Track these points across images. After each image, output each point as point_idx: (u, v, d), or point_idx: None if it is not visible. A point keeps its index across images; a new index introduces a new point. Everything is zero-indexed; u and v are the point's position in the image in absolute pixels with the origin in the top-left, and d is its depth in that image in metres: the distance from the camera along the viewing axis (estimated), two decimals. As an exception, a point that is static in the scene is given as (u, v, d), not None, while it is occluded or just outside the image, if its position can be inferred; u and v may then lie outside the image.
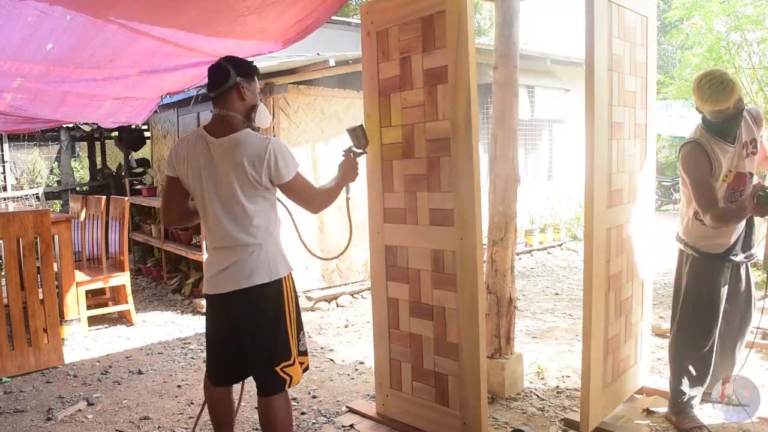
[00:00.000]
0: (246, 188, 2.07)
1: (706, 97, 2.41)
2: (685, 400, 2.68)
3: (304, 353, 2.27)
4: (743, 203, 2.34)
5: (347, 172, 2.38)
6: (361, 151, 2.47)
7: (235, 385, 2.37)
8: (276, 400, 2.16)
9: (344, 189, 2.41)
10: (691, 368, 2.65)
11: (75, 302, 4.54)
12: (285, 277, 2.18)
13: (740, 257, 2.61)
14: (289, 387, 2.18)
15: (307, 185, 2.20)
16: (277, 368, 2.14)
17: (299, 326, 2.25)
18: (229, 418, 2.35)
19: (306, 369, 2.29)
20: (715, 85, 2.38)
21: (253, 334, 2.14)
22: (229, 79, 2.12)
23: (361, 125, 2.51)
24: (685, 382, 2.67)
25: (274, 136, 5.29)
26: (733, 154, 2.53)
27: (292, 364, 2.18)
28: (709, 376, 2.69)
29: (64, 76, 3.24)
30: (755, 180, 2.62)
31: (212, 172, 2.11)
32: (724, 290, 2.61)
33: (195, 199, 2.22)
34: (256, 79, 2.23)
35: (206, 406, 2.38)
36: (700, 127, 2.57)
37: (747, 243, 2.63)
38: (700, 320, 2.61)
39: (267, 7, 2.57)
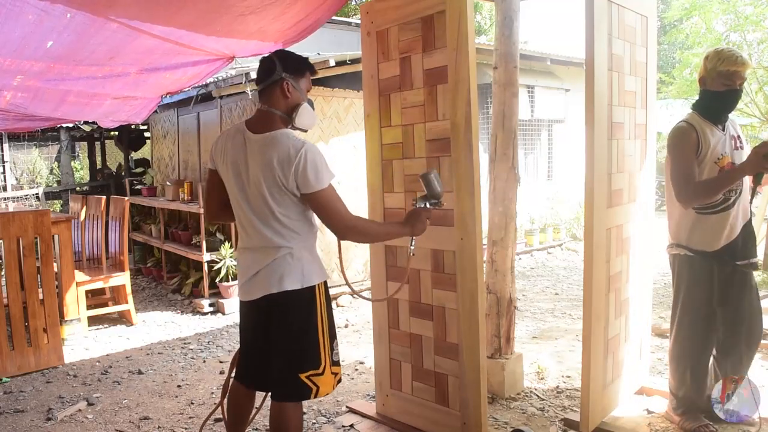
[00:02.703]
0: (274, 190, 1.97)
1: (725, 56, 2.45)
2: (686, 404, 2.68)
3: (337, 363, 2.15)
4: (736, 167, 2.43)
5: (414, 223, 2.17)
6: (436, 201, 2.21)
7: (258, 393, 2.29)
8: (291, 408, 2.07)
9: (410, 241, 2.23)
10: (694, 377, 2.63)
11: (75, 302, 4.54)
12: (318, 285, 2.07)
13: (741, 262, 2.55)
14: (316, 397, 2.07)
15: (337, 204, 1.99)
16: (302, 375, 2.03)
17: (332, 336, 2.13)
18: (244, 421, 2.31)
19: (339, 381, 2.18)
20: (734, 51, 2.48)
21: (281, 339, 2.05)
22: (274, 74, 2.02)
23: (435, 171, 2.20)
24: (687, 388, 2.65)
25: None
26: (722, 140, 2.54)
27: (321, 374, 2.06)
28: (709, 383, 2.68)
29: (64, 73, 3.25)
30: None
31: (244, 168, 2.02)
32: (718, 295, 2.57)
33: (229, 195, 2.13)
34: (307, 75, 2.10)
35: (220, 407, 2.32)
36: (691, 111, 2.61)
37: (748, 250, 2.58)
38: (700, 328, 2.58)
39: (267, 6, 2.58)
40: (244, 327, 2.21)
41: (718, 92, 2.50)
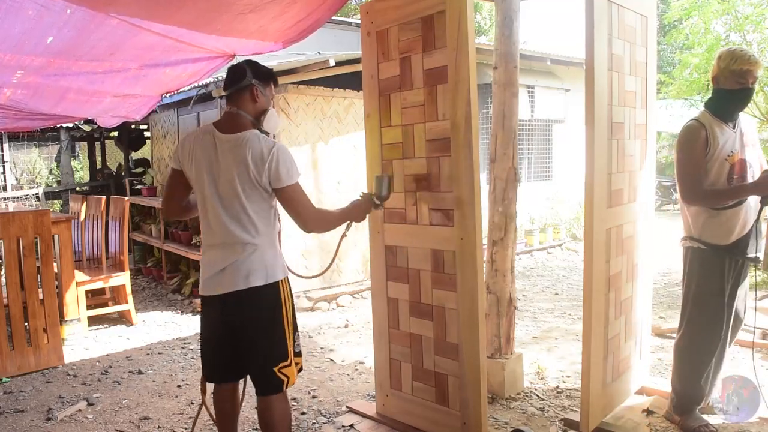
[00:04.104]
0: (247, 186, 2.07)
1: (738, 55, 2.48)
2: (688, 402, 2.68)
3: (299, 354, 2.28)
4: (747, 185, 2.46)
5: (357, 212, 2.35)
6: (379, 203, 2.43)
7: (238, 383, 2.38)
8: (275, 401, 2.17)
9: (347, 226, 2.40)
10: (697, 372, 2.63)
11: (75, 302, 4.54)
12: (282, 281, 2.18)
13: (751, 255, 2.60)
14: (287, 387, 2.19)
15: (304, 198, 2.15)
16: (275, 369, 2.15)
17: (295, 327, 2.26)
18: (234, 414, 2.37)
19: (300, 370, 2.29)
20: (747, 50, 2.53)
21: (252, 335, 2.15)
22: (244, 80, 2.16)
23: (390, 176, 2.46)
24: (691, 385, 2.65)
25: (274, 137, 5.30)
26: (733, 138, 2.56)
27: (289, 365, 2.18)
28: (711, 378, 2.68)
29: (64, 68, 3.25)
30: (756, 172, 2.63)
31: (215, 167, 2.11)
32: (729, 289, 2.60)
33: (195, 194, 2.21)
34: (272, 85, 2.26)
35: (203, 409, 2.39)
36: (702, 110, 2.64)
37: (757, 245, 2.62)
38: (710, 322, 2.59)
39: (266, 5, 2.58)
40: (209, 325, 2.25)
41: (731, 90, 2.53)
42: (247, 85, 2.15)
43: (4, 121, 4.93)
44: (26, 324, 3.89)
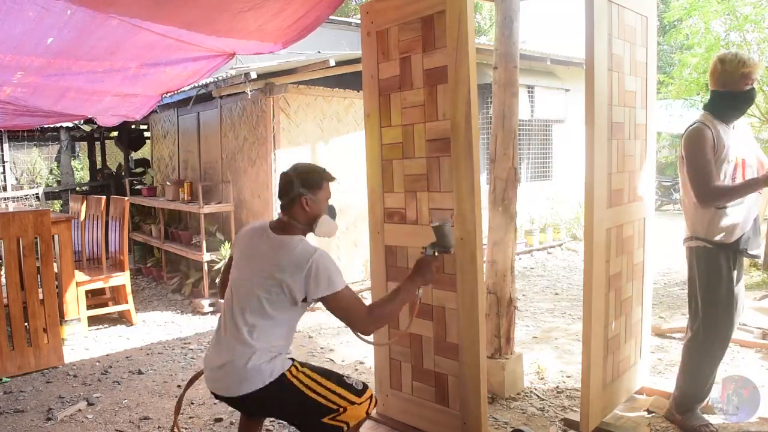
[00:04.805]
0: (273, 291, 2.02)
1: (738, 60, 2.51)
2: (691, 400, 2.68)
3: (361, 391, 2.12)
4: (760, 177, 2.47)
5: (424, 273, 2.21)
6: (446, 250, 2.26)
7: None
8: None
9: (418, 288, 2.26)
10: (705, 371, 2.64)
11: (75, 302, 4.54)
12: (288, 371, 2.06)
13: (754, 251, 2.61)
14: (350, 428, 2.08)
15: (354, 304, 2.06)
16: (324, 419, 2.04)
17: (338, 381, 2.11)
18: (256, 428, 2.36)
19: (375, 402, 2.17)
20: (742, 54, 2.56)
21: (274, 416, 2.16)
22: (293, 191, 2.14)
23: (449, 221, 2.28)
24: (698, 383, 2.66)
25: (274, 137, 5.30)
26: (735, 140, 2.58)
27: (344, 412, 2.06)
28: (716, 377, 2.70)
29: (64, 68, 3.25)
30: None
31: (253, 261, 2.11)
32: (737, 286, 2.62)
33: (230, 280, 2.20)
34: (325, 186, 2.19)
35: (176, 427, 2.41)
36: (703, 112, 2.64)
37: (757, 242, 2.64)
38: (721, 320, 2.60)
39: (265, 2, 2.58)
40: None
41: (731, 93, 2.54)
42: (297, 195, 2.13)
43: (3, 117, 4.91)
44: (26, 324, 3.89)
